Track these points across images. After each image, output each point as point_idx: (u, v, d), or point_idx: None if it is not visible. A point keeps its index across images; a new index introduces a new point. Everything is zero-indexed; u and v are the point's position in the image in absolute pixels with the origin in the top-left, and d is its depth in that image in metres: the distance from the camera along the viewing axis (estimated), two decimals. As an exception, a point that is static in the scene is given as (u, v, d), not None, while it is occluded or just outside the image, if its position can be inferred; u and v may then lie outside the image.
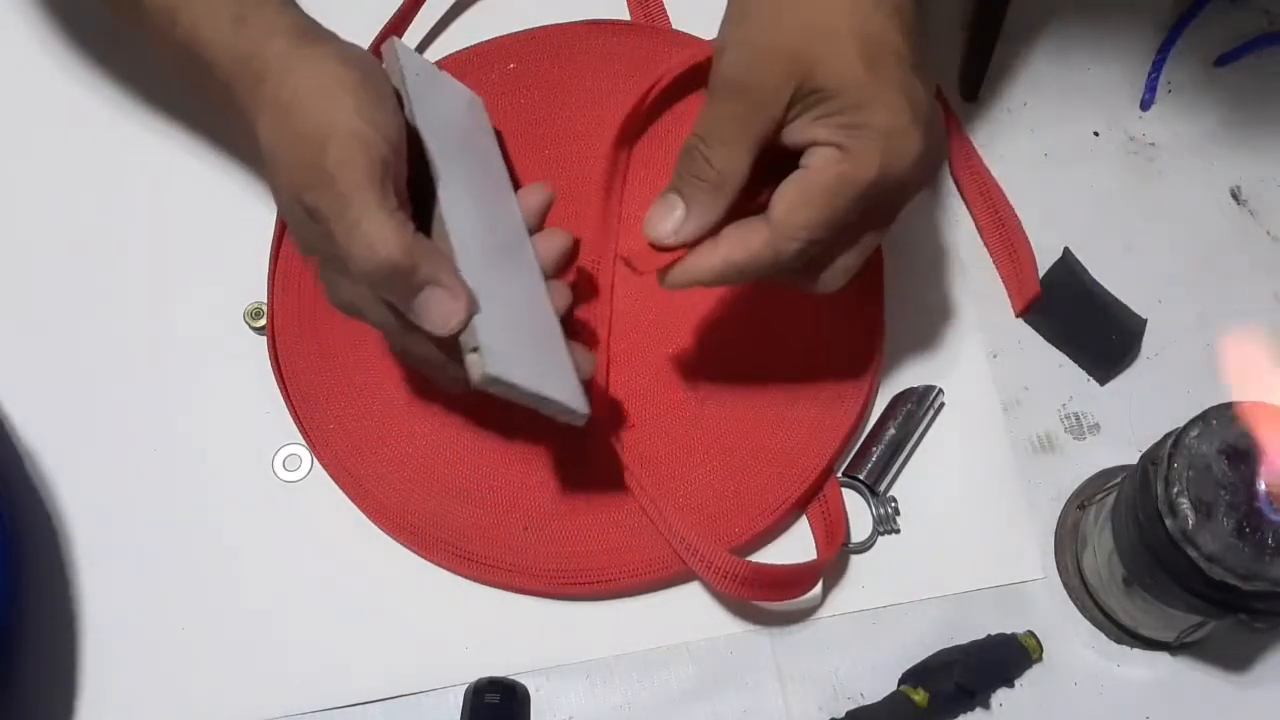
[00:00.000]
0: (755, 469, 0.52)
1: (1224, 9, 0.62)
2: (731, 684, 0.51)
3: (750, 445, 0.53)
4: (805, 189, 0.43)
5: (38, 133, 0.59)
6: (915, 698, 0.49)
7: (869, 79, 0.42)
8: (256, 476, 0.54)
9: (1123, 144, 0.60)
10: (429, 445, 0.53)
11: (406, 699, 0.51)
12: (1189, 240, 0.58)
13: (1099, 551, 0.50)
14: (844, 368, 0.54)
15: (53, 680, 0.51)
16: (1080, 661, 0.52)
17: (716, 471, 0.53)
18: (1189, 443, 0.43)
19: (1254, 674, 0.51)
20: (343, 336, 0.54)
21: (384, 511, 0.53)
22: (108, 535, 0.53)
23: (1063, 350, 0.56)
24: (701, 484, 0.52)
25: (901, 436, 0.54)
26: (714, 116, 0.44)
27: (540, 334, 0.47)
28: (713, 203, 0.44)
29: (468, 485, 0.53)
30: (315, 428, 0.53)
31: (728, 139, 0.44)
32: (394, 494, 0.52)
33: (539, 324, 0.47)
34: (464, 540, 0.52)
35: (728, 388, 0.54)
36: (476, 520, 0.52)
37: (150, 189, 0.58)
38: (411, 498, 0.52)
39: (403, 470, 0.53)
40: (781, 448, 0.53)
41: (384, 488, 0.53)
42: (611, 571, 0.51)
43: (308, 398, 0.54)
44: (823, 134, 0.43)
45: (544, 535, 0.52)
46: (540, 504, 0.52)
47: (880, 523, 0.53)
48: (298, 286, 0.55)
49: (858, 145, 0.42)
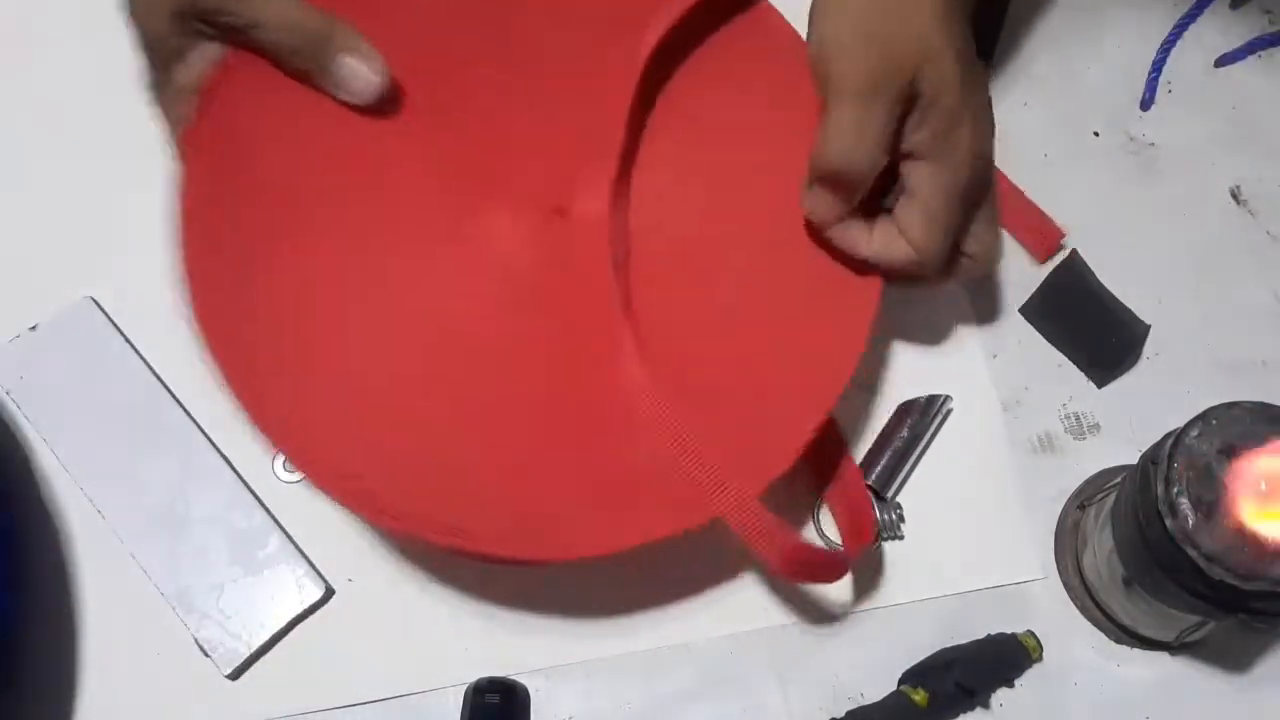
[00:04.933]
0: (777, 391, 0.48)
1: (1224, 9, 0.62)
2: (731, 684, 0.51)
3: (767, 367, 0.49)
4: (928, 213, 0.47)
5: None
6: (915, 698, 0.49)
7: (962, 92, 0.46)
8: (256, 476, 0.54)
9: (1123, 144, 0.60)
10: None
11: (406, 699, 0.51)
12: (1189, 240, 0.58)
13: (1099, 551, 0.50)
14: (851, 292, 0.50)
15: (53, 680, 0.51)
16: (1080, 661, 0.52)
17: (740, 398, 0.48)
18: (1189, 443, 0.43)
19: (1254, 674, 0.51)
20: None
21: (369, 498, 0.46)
22: (108, 535, 0.53)
23: (1063, 351, 0.56)
24: (725, 415, 0.48)
25: (910, 443, 0.54)
26: (851, 123, 0.46)
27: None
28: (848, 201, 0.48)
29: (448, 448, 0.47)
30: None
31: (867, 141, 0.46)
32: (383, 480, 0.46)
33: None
34: (461, 519, 0.46)
35: (744, 313, 0.50)
36: (462, 488, 0.47)
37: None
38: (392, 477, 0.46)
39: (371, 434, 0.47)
40: (800, 367, 0.49)
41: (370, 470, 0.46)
42: (615, 529, 0.46)
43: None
44: (922, 143, 0.46)
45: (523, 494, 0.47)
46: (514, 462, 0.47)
47: (885, 528, 0.53)
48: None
49: (952, 156, 0.46)
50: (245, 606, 0.51)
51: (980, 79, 0.48)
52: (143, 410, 0.54)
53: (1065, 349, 0.56)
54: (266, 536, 0.52)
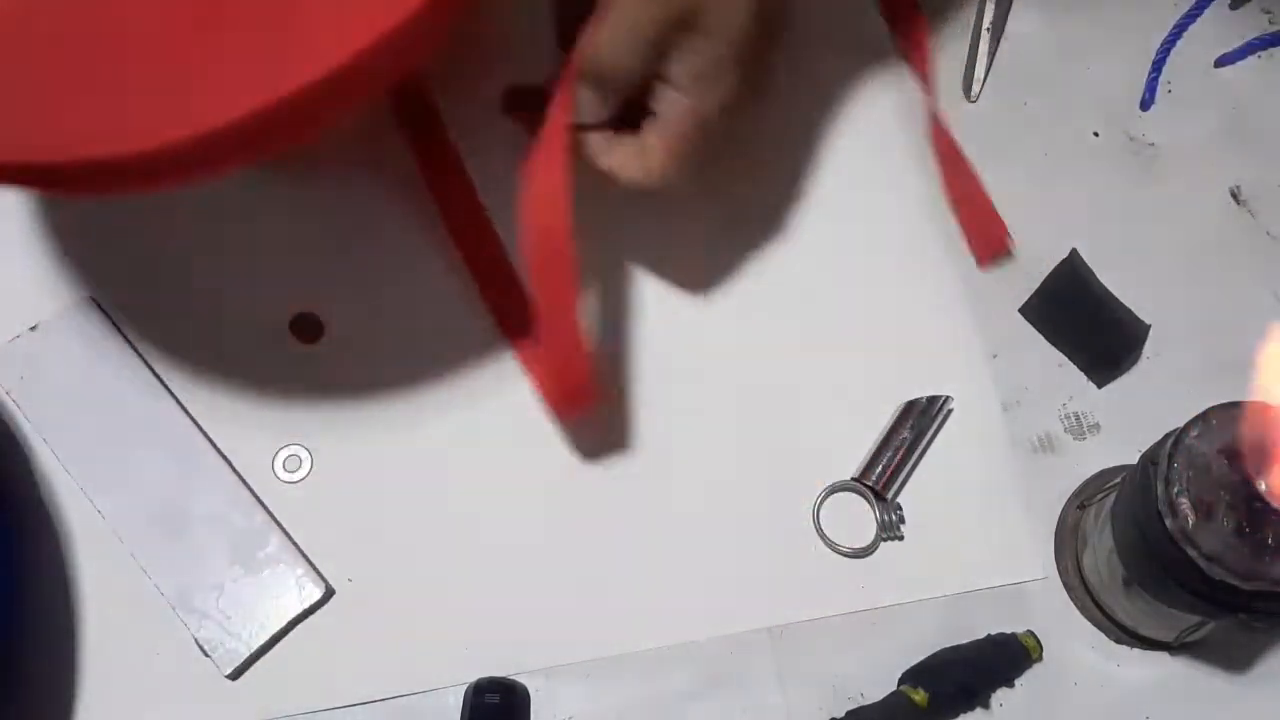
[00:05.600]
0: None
1: (1224, 9, 0.62)
2: (731, 684, 0.51)
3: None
4: (668, 144, 0.47)
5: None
6: (915, 698, 0.49)
7: (738, 47, 0.45)
8: (256, 476, 0.54)
9: (1123, 144, 0.60)
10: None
11: (406, 699, 0.51)
12: (1189, 240, 0.58)
13: (1099, 551, 0.50)
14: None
15: (53, 680, 0.51)
16: (1080, 661, 0.52)
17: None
18: (1189, 443, 0.43)
19: (1254, 674, 0.51)
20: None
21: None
22: (108, 535, 0.53)
23: (1063, 351, 0.56)
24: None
25: (910, 443, 0.54)
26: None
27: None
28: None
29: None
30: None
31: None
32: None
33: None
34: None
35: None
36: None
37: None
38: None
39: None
40: None
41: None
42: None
43: None
44: (682, 76, 0.46)
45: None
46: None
47: (884, 529, 0.53)
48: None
49: (707, 100, 0.46)
50: (245, 606, 0.51)
51: (773, 45, 0.48)
52: (143, 410, 0.54)
53: (1065, 349, 0.56)
54: (266, 536, 0.52)
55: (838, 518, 0.54)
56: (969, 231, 0.58)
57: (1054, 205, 0.58)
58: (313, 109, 0.42)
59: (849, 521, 0.53)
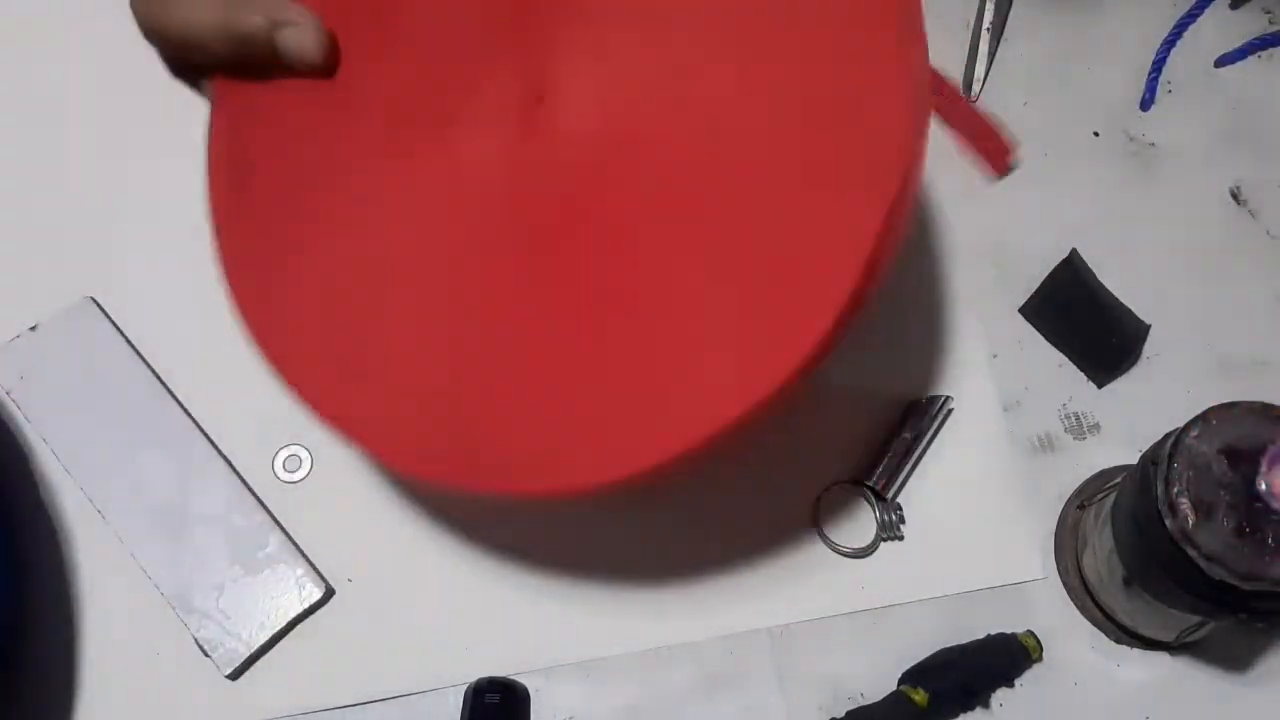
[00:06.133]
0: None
1: (1224, 9, 0.62)
2: (731, 684, 0.51)
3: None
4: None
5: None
6: (915, 698, 0.49)
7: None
8: (256, 476, 0.54)
9: (1123, 144, 0.60)
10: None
11: (406, 699, 0.51)
12: (1189, 240, 0.58)
13: (1099, 551, 0.50)
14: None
15: (53, 680, 0.51)
16: (1080, 661, 0.52)
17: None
18: (1189, 443, 0.43)
19: (1254, 674, 0.51)
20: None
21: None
22: (108, 535, 0.53)
23: (1063, 351, 0.56)
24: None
25: (910, 443, 0.54)
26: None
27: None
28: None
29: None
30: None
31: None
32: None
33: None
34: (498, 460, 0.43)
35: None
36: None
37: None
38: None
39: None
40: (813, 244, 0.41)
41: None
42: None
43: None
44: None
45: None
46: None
47: (884, 529, 0.53)
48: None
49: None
50: (245, 606, 0.51)
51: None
52: (143, 410, 0.54)
53: (1065, 349, 0.56)
54: (266, 536, 0.52)
55: (838, 518, 0.54)
56: (976, 150, 0.59)
57: (1054, 205, 0.58)
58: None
59: (849, 521, 0.53)
